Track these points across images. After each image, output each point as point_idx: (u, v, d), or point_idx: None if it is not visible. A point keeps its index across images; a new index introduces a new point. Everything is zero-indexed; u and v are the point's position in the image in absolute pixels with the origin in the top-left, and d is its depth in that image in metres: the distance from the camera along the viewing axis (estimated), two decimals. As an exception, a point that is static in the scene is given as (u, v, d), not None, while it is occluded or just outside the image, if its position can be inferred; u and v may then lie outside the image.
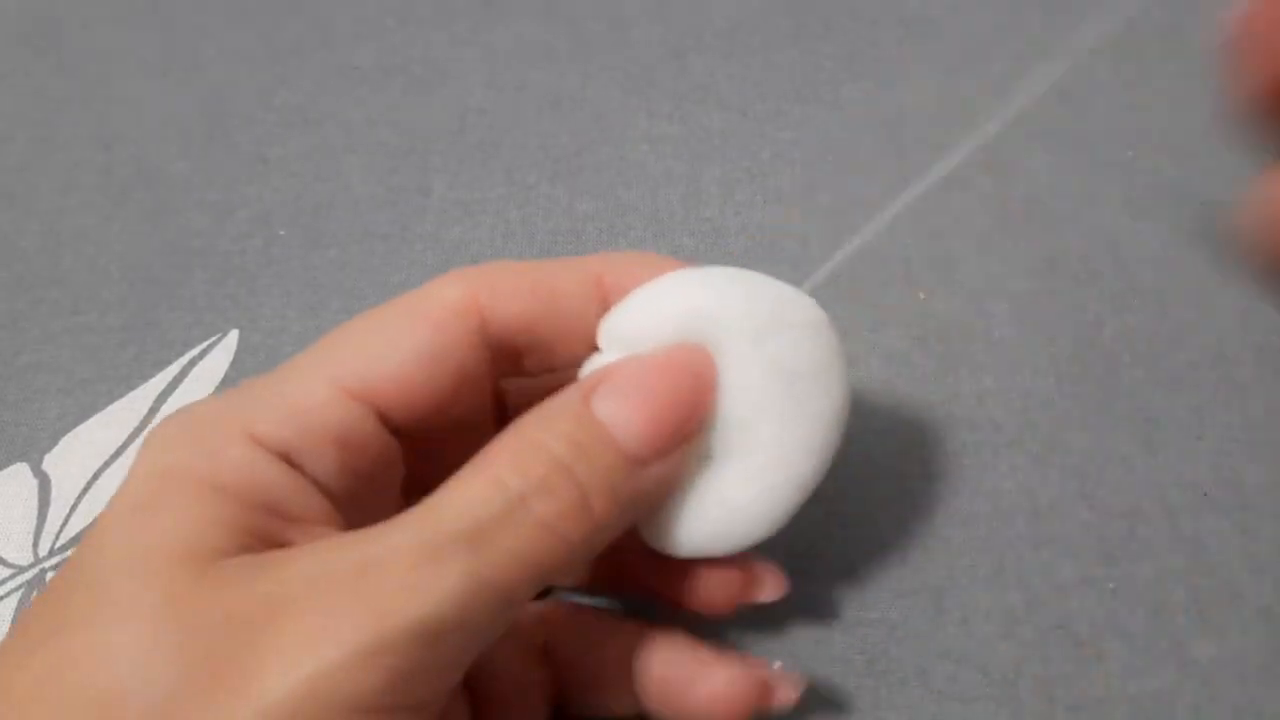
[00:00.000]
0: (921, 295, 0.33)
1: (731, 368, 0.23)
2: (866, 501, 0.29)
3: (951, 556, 0.28)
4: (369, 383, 0.22)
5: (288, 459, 0.21)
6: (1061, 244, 0.34)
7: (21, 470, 0.31)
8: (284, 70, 0.42)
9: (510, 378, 0.24)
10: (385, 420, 0.22)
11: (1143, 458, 0.30)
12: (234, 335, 0.34)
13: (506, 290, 0.23)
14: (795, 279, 0.34)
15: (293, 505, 0.21)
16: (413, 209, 0.37)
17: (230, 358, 0.33)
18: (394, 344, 0.22)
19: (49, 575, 0.29)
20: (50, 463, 0.31)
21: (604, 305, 0.23)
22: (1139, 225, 0.35)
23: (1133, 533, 0.28)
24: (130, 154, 0.40)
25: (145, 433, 0.32)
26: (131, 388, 0.33)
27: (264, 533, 0.20)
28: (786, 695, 0.24)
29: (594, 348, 0.24)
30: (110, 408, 0.32)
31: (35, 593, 0.29)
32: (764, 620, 0.27)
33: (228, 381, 0.33)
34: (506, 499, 0.20)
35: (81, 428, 0.32)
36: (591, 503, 0.20)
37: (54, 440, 0.32)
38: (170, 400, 0.32)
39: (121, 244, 0.37)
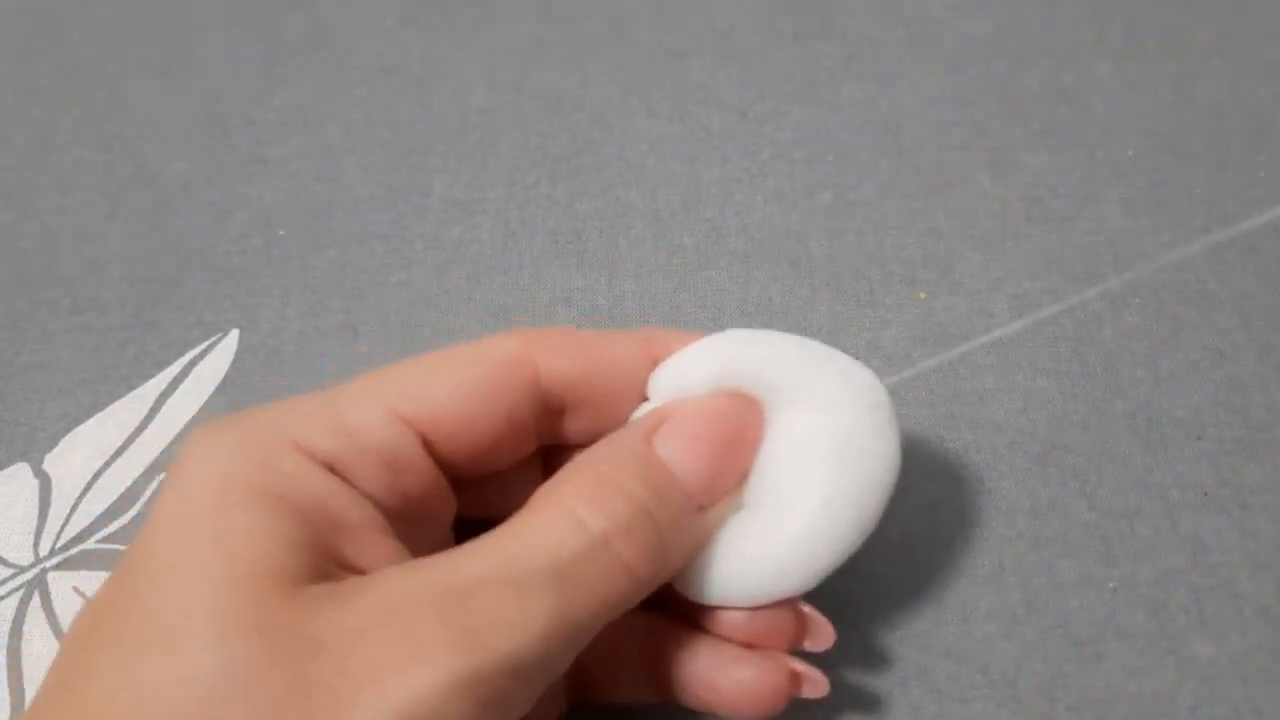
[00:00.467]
0: (922, 295, 0.33)
1: (779, 422, 0.23)
2: (867, 501, 0.29)
3: (952, 556, 0.28)
4: (419, 410, 0.22)
5: (334, 472, 0.21)
6: (1061, 244, 0.34)
7: (22, 470, 0.31)
8: (284, 70, 0.42)
9: (551, 441, 0.25)
10: (432, 451, 0.22)
11: (1143, 458, 0.30)
12: (234, 335, 0.34)
13: (560, 348, 0.23)
14: (795, 278, 0.34)
15: (349, 516, 0.21)
16: (413, 209, 0.37)
17: (231, 358, 0.33)
18: (448, 379, 0.22)
19: (50, 575, 0.29)
20: (51, 462, 0.31)
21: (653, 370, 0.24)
22: (1139, 225, 0.35)
23: (1133, 533, 0.28)
24: (130, 154, 0.40)
25: (149, 429, 0.32)
26: (132, 388, 0.33)
27: (327, 546, 0.20)
28: (814, 688, 0.24)
29: (633, 410, 0.24)
30: (111, 407, 0.32)
31: (36, 594, 0.29)
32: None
33: (228, 382, 0.33)
34: (590, 539, 0.20)
35: (82, 428, 0.32)
36: (666, 545, 0.21)
37: (55, 440, 0.32)
38: (171, 400, 0.32)
39: (121, 244, 0.37)
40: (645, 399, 0.24)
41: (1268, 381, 0.31)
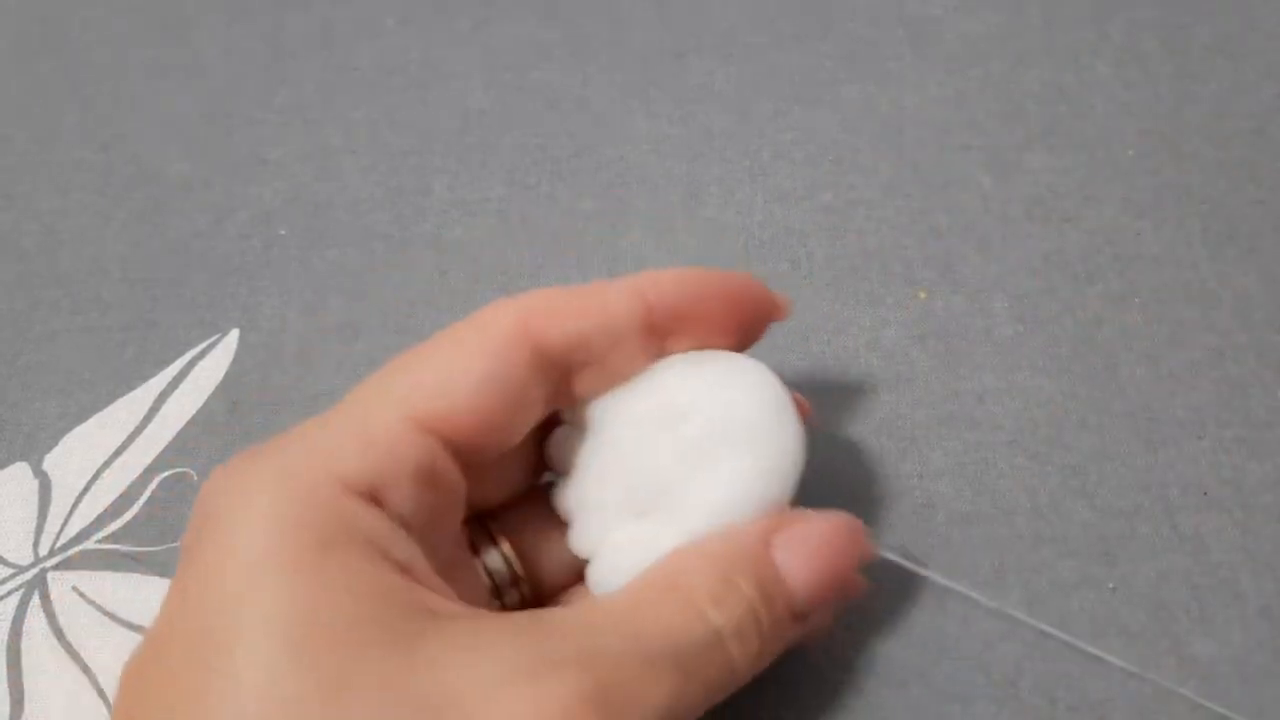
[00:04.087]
0: (921, 295, 0.33)
1: (655, 434, 0.23)
2: (866, 502, 0.29)
3: (952, 555, 0.28)
4: (439, 415, 0.21)
5: (372, 497, 0.20)
6: (1061, 244, 0.34)
7: (22, 470, 0.31)
8: (284, 70, 0.42)
9: (558, 405, 0.24)
10: (453, 451, 0.22)
11: (1143, 458, 0.30)
12: (234, 335, 0.34)
13: (556, 311, 0.23)
14: (795, 278, 0.34)
15: (397, 554, 0.20)
16: (413, 209, 0.37)
17: (231, 357, 0.33)
18: (456, 374, 0.22)
19: (49, 575, 0.29)
20: (51, 463, 0.31)
21: (650, 321, 0.24)
22: (1139, 225, 0.35)
23: (1133, 532, 0.28)
24: (130, 154, 0.40)
25: (149, 429, 0.32)
26: (132, 388, 0.33)
27: (395, 591, 0.19)
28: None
29: (639, 360, 0.24)
30: (110, 407, 0.32)
31: (36, 594, 0.29)
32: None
33: (228, 381, 0.33)
34: (709, 634, 0.21)
35: (82, 428, 0.32)
36: (765, 649, 0.22)
37: (55, 440, 0.32)
38: (170, 400, 0.32)
39: (121, 244, 0.37)
40: (640, 356, 0.24)
41: (1268, 381, 0.31)
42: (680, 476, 0.23)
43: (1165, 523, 0.28)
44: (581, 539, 0.24)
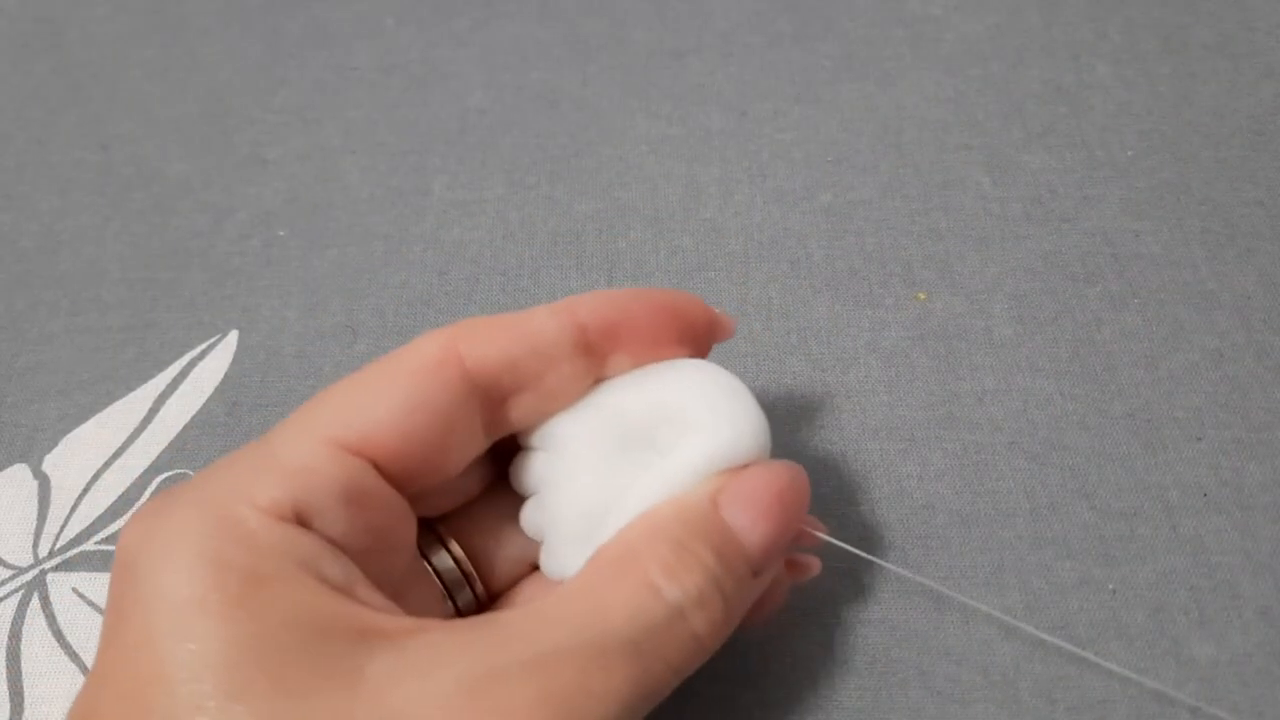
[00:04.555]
0: (921, 296, 0.33)
1: (611, 446, 0.24)
2: (866, 501, 0.29)
3: (951, 556, 0.28)
4: (360, 435, 0.21)
5: (299, 520, 0.20)
6: (1061, 244, 0.34)
7: (21, 471, 0.31)
8: (284, 70, 0.42)
9: (501, 433, 0.24)
10: (385, 473, 0.22)
11: (1143, 458, 0.30)
12: (234, 336, 0.34)
13: (483, 336, 0.23)
14: (794, 279, 0.34)
15: (333, 575, 0.20)
16: (412, 209, 0.37)
17: (230, 358, 0.33)
18: (377, 397, 0.22)
19: (49, 576, 0.29)
20: (50, 464, 0.31)
21: (583, 341, 0.23)
22: (1139, 225, 0.35)
23: (1133, 533, 0.28)
24: (130, 154, 0.40)
25: (148, 430, 0.32)
26: (131, 389, 0.33)
27: (333, 616, 0.19)
28: (808, 569, 0.25)
29: (576, 382, 0.24)
30: (110, 408, 0.32)
31: (36, 595, 0.29)
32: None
33: (228, 382, 0.33)
34: (667, 610, 0.20)
35: (81, 428, 0.32)
36: (730, 614, 0.21)
37: (54, 441, 0.32)
38: (170, 401, 0.32)
39: (121, 244, 0.37)
40: (580, 377, 0.24)
41: (1267, 382, 0.31)
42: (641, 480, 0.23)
43: (1165, 524, 0.28)
44: (552, 561, 0.24)
